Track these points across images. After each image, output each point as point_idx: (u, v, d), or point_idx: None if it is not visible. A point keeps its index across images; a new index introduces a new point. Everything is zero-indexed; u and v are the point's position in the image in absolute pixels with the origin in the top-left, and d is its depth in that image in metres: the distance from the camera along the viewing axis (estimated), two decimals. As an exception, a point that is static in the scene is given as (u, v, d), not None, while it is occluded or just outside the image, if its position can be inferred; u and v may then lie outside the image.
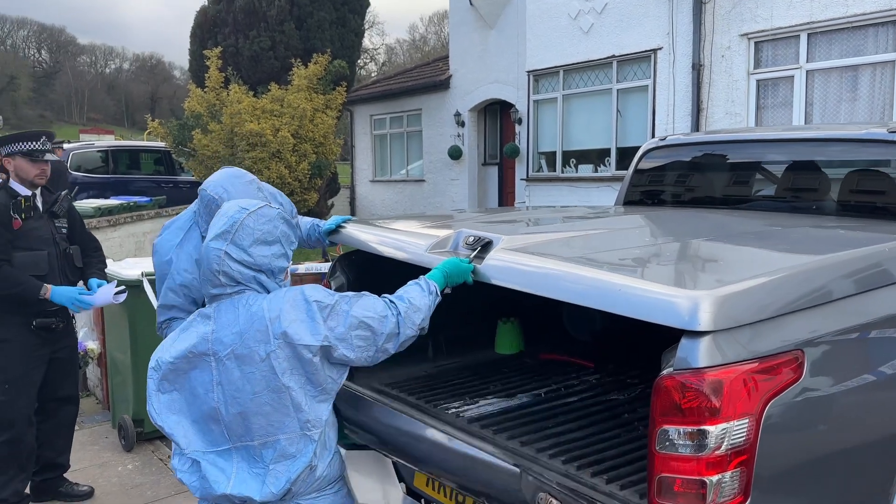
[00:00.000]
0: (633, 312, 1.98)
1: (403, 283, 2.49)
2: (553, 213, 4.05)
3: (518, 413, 2.95)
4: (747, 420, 1.90)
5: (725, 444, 1.88)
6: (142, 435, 5.12)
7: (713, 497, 1.88)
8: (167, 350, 2.25)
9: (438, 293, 2.41)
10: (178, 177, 15.33)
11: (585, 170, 11.99)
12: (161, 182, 14.84)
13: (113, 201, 9.82)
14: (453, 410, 2.96)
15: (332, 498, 2.37)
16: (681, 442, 1.91)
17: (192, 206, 3.03)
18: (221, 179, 2.81)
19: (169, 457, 5.02)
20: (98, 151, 15.18)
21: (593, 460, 2.48)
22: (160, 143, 15.24)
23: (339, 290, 3.37)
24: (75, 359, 4.37)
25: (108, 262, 5.75)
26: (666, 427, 1.93)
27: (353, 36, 15.52)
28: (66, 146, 15.10)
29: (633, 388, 3.26)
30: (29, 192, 3.93)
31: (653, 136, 10.88)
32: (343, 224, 3.30)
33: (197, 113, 12.02)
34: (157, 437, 5.19)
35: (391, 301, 2.32)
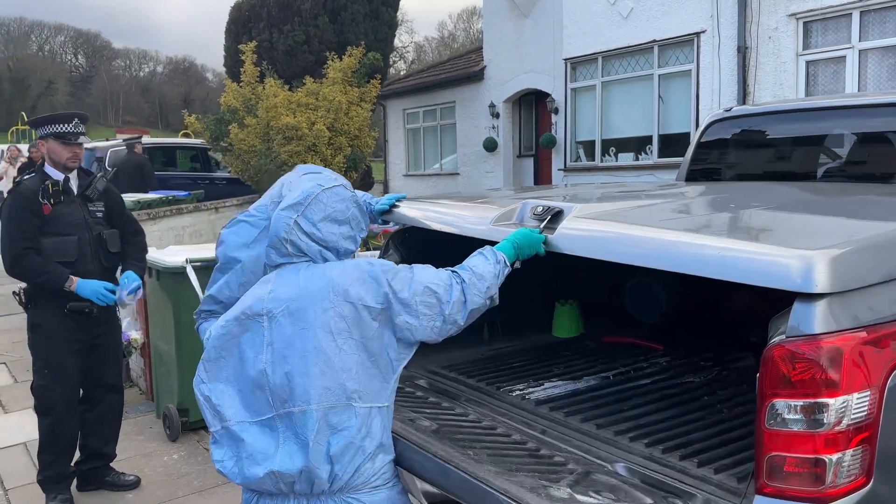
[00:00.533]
0: (738, 276, 1.79)
1: (462, 261, 2.34)
2: (608, 188, 3.84)
3: (587, 395, 2.78)
4: (869, 393, 1.70)
5: (846, 419, 1.68)
6: (187, 425, 5.04)
7: (832, 478, 1.68)
8: (221, 318, 2.12)
9: (507, 263, 2.24)
10: (214, 173, 15.39)
11: (626, 158, 11.71)
12: (197, 179, 14.89)
13: (152, 195, 9.84)
14: (517, 393, 2.80)
15: (388, 493, 2.17)
16: (793, 417, 1.72)
17: (262, 202, 2.85)
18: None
19: (214, 447, 4.96)
20: (135, 149, 15.28)
21: (678, 443, 2.30)
22: (196, 140, 15.30)
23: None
24: (118, 346, 4.28)
25: (151, 249, 5.70)
26: (776, 401, 1.73)
27: (386, 29, 15.41)
28: (104, 143, 15.27)
29: (707, 370, 3.07)
30: (62, 177, 3.83)
31: (697, 122, 10.57)
32: (397, 202, 3.14)
33: (233, 107, 11.99)
34: (202, 426, 5.10)
35: (453, 271, 2.18)
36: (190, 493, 4.28)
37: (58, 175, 3.83)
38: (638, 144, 11.60)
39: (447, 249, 2.70)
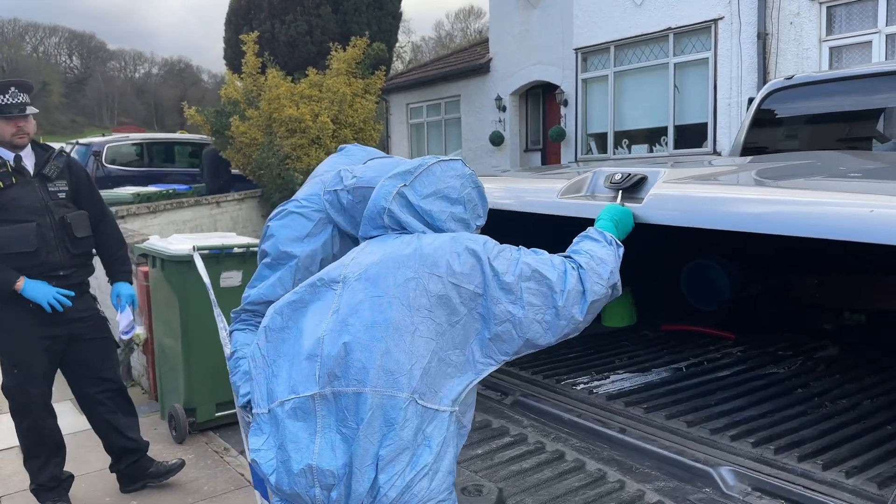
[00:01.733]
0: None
1: (523, 243, 1.97)
2: (663, 160, 3.51)
3: (664, 389, 2.44)
4: None
5: None
6: (194, 426, 4.69)
7: None
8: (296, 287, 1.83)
9: (619, 244, 1.85)
10: (213, 169, 15.01)
11: (639, 150, 11.37)
12: (197, 175, 14.52)
13: (152, 188, 9.47)
14: (583, 387, 2.46)
15: None
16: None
17: (313, 191, 2.50)
18: (377, 167, 2.36)
19: (225, 448, 4.60)
20: (133, 144, 14.90)
21: (790, 442, 1.96)
22: (195, 136, 14.93)
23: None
24: (102, 338, 3.75)
25: (153, 238, 5.35)
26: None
27: (390, 19, 15.02)
28: (100, 138, 14.90)
29: (789, 360, 2.72)
30: (11, 155, 3.38)
31: (715, 112, 10.25)
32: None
33: (234, 100, 11.62)
34: (210, 427, 4.76)
35: (565, 255, 1.79)
36: (200, 499, 3.93)
37: (6, 154, 3.38)
38: (652, 136, 11.27)
39: (505, 227, 2.34)
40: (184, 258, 4.49)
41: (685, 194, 1.97)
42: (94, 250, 3.70)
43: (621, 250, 1.82)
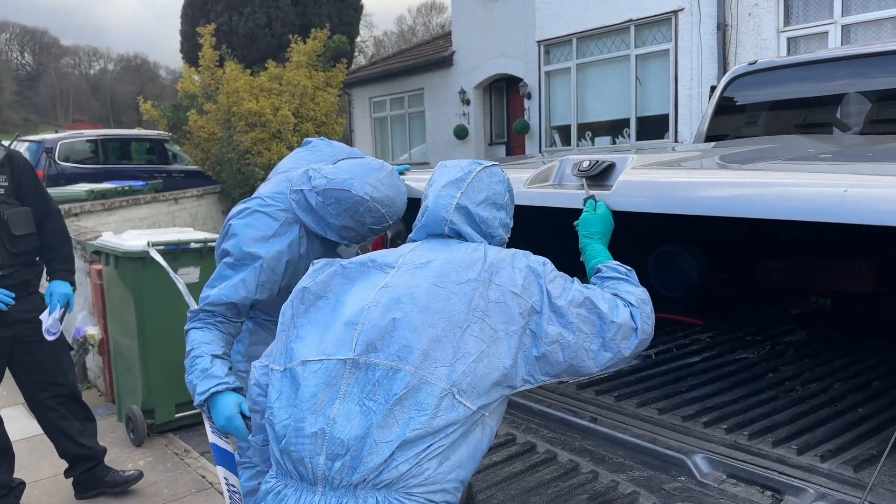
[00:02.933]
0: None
1: None
2: (613, 149, 3.48)
3: (634, 377, 2.39)
4: None
5: None
6: (153, 427, 4.54)
7: None
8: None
9: (633, 275, 1.82)
10: (172, 166, 14.67)
11: (602, 142, 11.42)
12: (154, 172, 14.15)
13: (107, 185, 9.20)
14: (552, 376, 2.38)
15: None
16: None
17: (279, 188, 2.38)
18: (364, 174, 2.25)
19: (185, 450, 4.46)
20: (87, 141, 14.46)
21: (764, 427, 1.92)
22: (152, 132, 14.59)
23: (395, 236, 2.79)
24: (44, 339, 3.50)
25: (107, 234, 5.17)
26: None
27: (351, 11, 14.88)
28: (53, 135, 14.45)
29: (759, 346, 2.70)
30: None
31: (676, 104, 10.33)
32: (403, 173, 2.72)
33: (191, 94, 11.37)
34: (170, 429, 4.61)
35: (614, 294, 1.74)
36: (160, 503, 3.79)
37: None
38: (615, 128, 11.32)
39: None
40: (138, 255, 4.33)
41: (655, 180, 1.92)
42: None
43: (635, 276, 1.79)
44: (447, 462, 1.48)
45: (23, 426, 4.39)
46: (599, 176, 2.04)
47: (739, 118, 3.69)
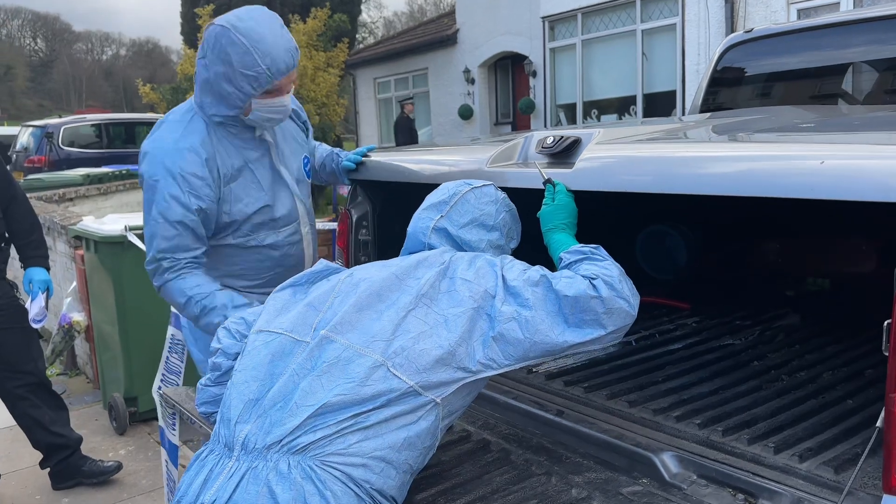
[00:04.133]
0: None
1: None
2: (611, 123, 3.31)
3: (609, 366, 2.24)
4: None
5: None
6: (135, 416, 4.44)
7: None
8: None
9: (598, 247, 1.68)
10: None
11: (609, 120, 11.17)
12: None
13: (104, 169, 9.10)
14: (522, 365, 2.23)
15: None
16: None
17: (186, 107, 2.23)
18: (236, 11, 2.07)
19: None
20: (91, 125, 14.43)
21: (740, 423, 1.77)
22: (157, 115, 14.51)
23: (361, 218, 2.64)
24: (20, 328, 3.44)
25: (88, 219, 5.06)
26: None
27: (353, -10, 14.65)
28: (56, 120, 14.41)
29: (747, 331, 2.54)
30: None
31: (683, 80, 10.07)
32: (367, 154, 2.56)
33: (190, 75, 11.21)
34: (153, 417, 4.50)
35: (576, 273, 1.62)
36: (137, 493, 3.71)
37: None
38: (621, 105, 11.07)
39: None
40: (117, 239, 4.21)
41: (619, 157, 1.75)
42: (6, 234, 3.41)
43: (604, 251, 1.65)
44: (375, 439, 1.38)
45: (5, 417, 4.32)
46: (564, 153, 1.88)
47: (736, 90, 3.49)
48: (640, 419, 1.83)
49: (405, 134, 12.84)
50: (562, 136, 1.89)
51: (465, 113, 14.17)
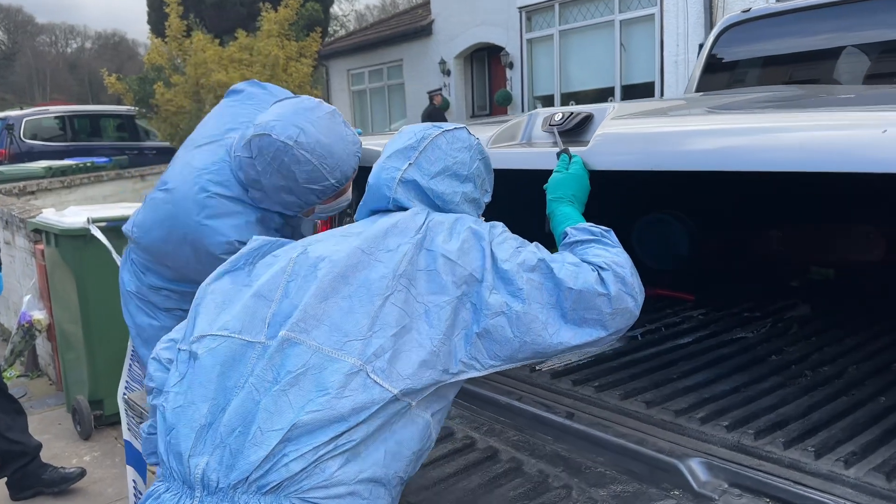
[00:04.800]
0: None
1: None
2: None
3: (618, 362, 2.08)
4: None
5: None
6: (101, 419, 4.20)
7: None
8: None
9: (608, 230, 1.47)
10: (143, 143, 14.17)
11: (587, 112, 11.06)
12: (124, 149, 13.65)
13: (68, 162, 8.75)
14: (524, 363, 2.06)
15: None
16: None
17: (216, 156, 2.03)
18: (291, 115, 1.85)
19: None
20: (54, 118, 13.93)
21: (771, 424, 1.61)
22: (122, 107, 14.10)
23: (342, 216, 2.45)
24: None
25: (48, 211, 4.80)
26: None
27: (325, -21, 14.36)
28: (17, 112, 13.91)
29: (758, 323, 2.39)
30: None
31: (662, 71, 9.98)
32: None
33: (158, 65, 10.87)
34: (119, 420, 4.26)
35: (582, 259, 1.40)
36: (102, 503, 3.47)
37: None
38: (599, 97, 10.97)
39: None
40: (79, 232, 3.96)
41: (640, 132, 1.59)
42: None
43: (615, 236, 1.44)
44: (359, 461, 1.16)
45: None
46: (574, 131, 1.71)
47: (733, 74, 3.35)
48: (660, 421, 1.66)
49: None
50: (571, 112, 1.72)
51: (442, 105, 13.97)
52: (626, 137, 1.56)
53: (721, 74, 3.38)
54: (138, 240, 2.14)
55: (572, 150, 1.63)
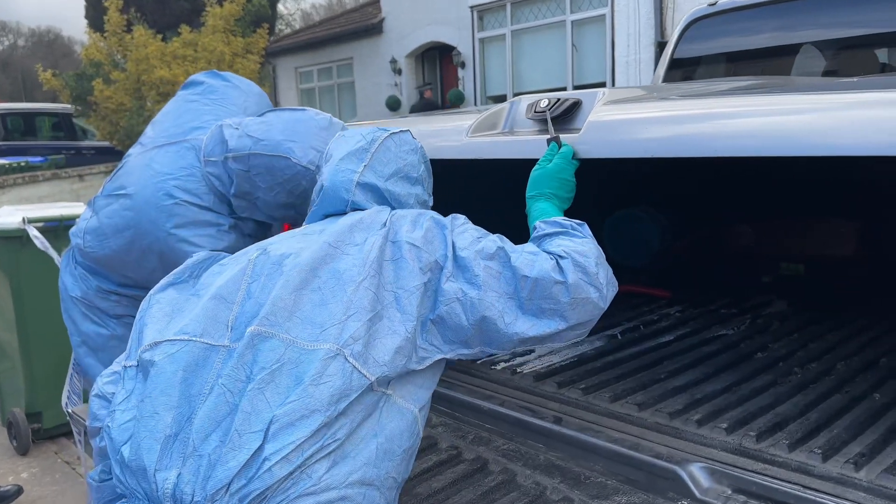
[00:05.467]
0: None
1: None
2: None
3: (601, 362, 1.99)
4: None
5: None
6: (39, 433, 3.93)
7: None
8: None
9: (581, 224, 1.39)
10: (81, 142, 13.63)
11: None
12: (61, 149, 13.10)
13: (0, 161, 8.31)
14: (504, 366, 1.97)
15: None
16: None
17: (185, 161, 1.89)
18: (307, 134, 1.78)
19: (78, 458, 3.87)
20: (-16, 116, 13.30)
21: (771, 424, 1.54)
22: (58, 105, 13.55)
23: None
24: None
25: (-23, 211, 4.48)
26: None
27: (272, -26, 14.03)
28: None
29: (737, 320, 2.34)
30: None
31: (613, 71, 10.04)
32: None
33: (96, 61, 10.42)
34: (61, 433, 4.00)
35: (544, 250, 1.35)
36: (43, 524, 3.24)
37: None
38: (551, 96, 10.98)
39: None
40: (13, 233, 3.70)
41: (637, 117, 1.49)
42: None
43: (588, 229, 1.37)
44: (349, 461, 1.09)
45: None
46: (561, 118, 1.61)
47: (701, 71, 3.31)
48: (654, 425, 1.57)
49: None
50: (559, 99, 1.62)
51: (394, 104, 13.81)
52: (622, 124, 1.46)
53: (687, 69, 3.34)
54: (91, 249, 1.96)
55: (562, 137, 1.53)
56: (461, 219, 1.37)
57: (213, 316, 1.20)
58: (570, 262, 1.27)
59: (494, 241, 1.31)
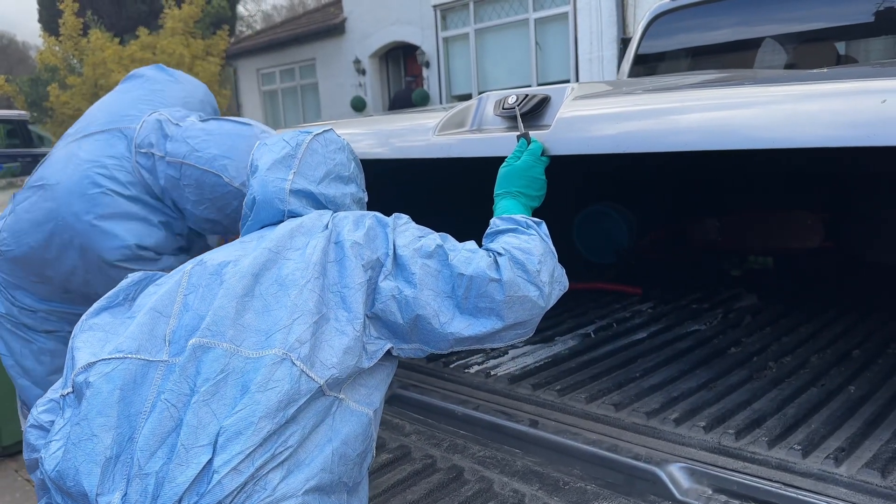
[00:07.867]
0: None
1: (400, 205, 1.46)
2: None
3: (576, 362, 1.96)
4: None
5: None
6: (-2, 451, 3.78)
7: None
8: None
9: (537, 222, 1.36)
10: (37, 149, 13.28)
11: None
12: (17, 156, 12.75)
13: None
14: (477, 369, 1.93)
15: None
16: None
17: (115, 149, 1.80)
18: (245, 154, 1.68)
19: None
20: (-67, 124, 12.89)
21: (750, 421, 1.52)
22: (12, 112, 13.19)
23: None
24: None
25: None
26: None
27: (231, -25, 13.80)
28: None
29: (709, 315, 2.33)
30: None
31: (577, 69, 10.07)
32: None
33: (52, 66, 10.15)
34: (18, 450, 3.86)
35: (487, 248, 1.34)
36: (2, 547, 3.11)
37: None
38: (516, 95, 10.99)
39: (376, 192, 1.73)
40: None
41: (607, 112, 1.46)
42: None
43: (544, 227, 1.34)
44: (301, 469, 1.06)
45: None
46: (530, 114, 1.57)
47: (665, 66, 3.31)
48: (631, 425, 1.55)
49: (404, 103, 12.10)
50: (526, 95, 1.58)
51: (359, 105, 13.70)
52: (592, 119, 1.43)
53: (651, 65, 3.34)
54: (7, 248, 1.83)
55: (531, 134, 1.50)
56: (404, 218, 1.36)
57: (149, 331, 1.16)
58: (507, 259, 1.24)
59: (434, 239, 1.29)
